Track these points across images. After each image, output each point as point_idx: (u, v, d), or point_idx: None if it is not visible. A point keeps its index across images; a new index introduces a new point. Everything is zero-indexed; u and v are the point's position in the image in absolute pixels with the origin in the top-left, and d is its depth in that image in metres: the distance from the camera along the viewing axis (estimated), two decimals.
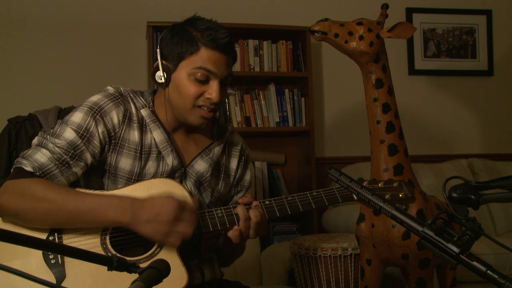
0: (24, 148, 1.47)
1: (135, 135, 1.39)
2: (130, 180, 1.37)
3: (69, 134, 1.32)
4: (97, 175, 1.39)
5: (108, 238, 1.30)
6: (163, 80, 1.39)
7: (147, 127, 1.41)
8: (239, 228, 1.33)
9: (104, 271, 0.85)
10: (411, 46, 3.82)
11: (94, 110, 1.35)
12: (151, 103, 1.45)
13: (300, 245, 2.45)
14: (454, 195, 0.95)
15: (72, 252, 0.84)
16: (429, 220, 0.87)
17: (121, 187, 1.35)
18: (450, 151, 3.82)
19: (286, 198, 1.39)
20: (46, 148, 1.30)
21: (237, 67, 3.26)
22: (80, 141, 1.32)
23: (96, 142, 1.34)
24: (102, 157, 1.37)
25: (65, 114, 1.55)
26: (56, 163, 1.29)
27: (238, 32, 3.23)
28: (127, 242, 1.31)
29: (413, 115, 3.70)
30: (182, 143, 1.47)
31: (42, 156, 1.29)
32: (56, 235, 1.29)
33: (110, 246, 1.29)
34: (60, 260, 1.26)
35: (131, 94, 1.43)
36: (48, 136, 1.33)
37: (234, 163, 1.57)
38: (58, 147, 1.30)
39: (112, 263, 0.82)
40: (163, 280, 0.83)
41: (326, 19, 1.96)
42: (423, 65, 3.84)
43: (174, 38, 1.39)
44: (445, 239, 0.78)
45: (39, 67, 3.25)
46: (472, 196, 0.95)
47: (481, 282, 2.63)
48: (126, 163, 1.37)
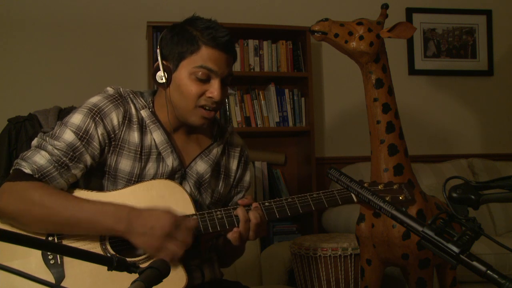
0: (24, 148, 1.47)
1: (135, 136, 1.38)
2: (130, 181, 1.37)
3: (68, 136, 1.31)
4: (96, 176, 1.39)
5: (107, 239, 1.30)
6: (164, 80, 1.38)
7: (147, 128, 1.40)
8: (239, 230, 1.32)
9: (103, 271, 0.85)
10: (411, 46, 3.81)
11: (94, 112, 1.34)
12: (151, 104, 1.44)
13: (300, 245, 2.45)
14: (454, 195, 0.95)
15: (72, 252, 0.84)
16: (429, 220, 0.87)
17: (120, 188, 1.35)
18: (450, 151, 3.82)
19: (286, 200, 1.39)
20: (45, 150, 1.30)
21: (237, 67, 3.26)
22: (79, 143, 1.31)
23: (95, 144, 1.33)
24: (101, 158, 1.36)
25: (65, 114, 1.54)
26: (55, 165, 1.29)
27: (238, 32, 3.22)
28: (127, 243, 1.30)
29: (413, 115, 3.70)
30: (182, 143, 1.46)
31: (41, 158, 1.29)
32: (55, 235, 1.29)
33: (109, 247, 1.29)
34: (59, 260, 1.26)
35: (130, 95, 1.42)
36: (48, 138, 1.32)
37: (234, 164, 1.57)
38: (57, 149, 1.30)
39: (112, 263, 0.82)
40: (163, 280, 0.83)
41: (326, 19, 1.96)
42: (423, 65, 3.84)
43: (174, 38, 1.38)
44: (445, 239, 0.78)
45: (39, 67, 3.25)
46: (472, 196, 0.95)
47: (481, 282, 2.62)
48: (126, 164, 1.37)
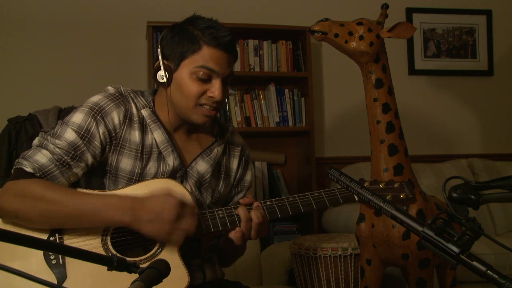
0: (24, 148, 1.47)
1: (135, 135, 1.38)
2: (131, 181, 1.37)
3: (69, 135, 1.31)
4: (98, 175, 1.39)
5: (109, 239, 1.30)
6: (165, 80, 1.38)
7: (148, 127, 1.41)
8: (241, 229, 1.33)
9: (104, 271, 0.85)
10: (411, 46, 3.81)
11: (95, 111, 1.34)
12: (152, 103, 1.44)
13: (300, 245, 2.45)
14: (454, 195, 0.95)
15: (72, 252, 0.84)
16: (429, 220, 0.87)
17: (121, 188, 1.35)
18: (450, 151, 3.82)
19: (287, 199, 1.39)
20: (47, 149, 1.30)
21: (237, 67, 3.26)
22: (80, 142, 1.31)
23: (96, 143, 1.33)
24: (102, 157, 1.37)
25: (65, 114, 1.54)
26: (57, 164, 1.29)
27: (238, 32, 3.22)
28: (129, 242, 1.31)
29: (413, 115, 3.70)
30: (183, 143, 1.47)
31: (42, 157, 1.29)
32: (57, 235, 1.29)
33: (111, 247, 1.29)
34: (61, 260, 1.26)
35: (131, 94, 1.43)
36: (49, 137, 1.32)
37: (234, 164, 1.57)
38: (58, 148, 1.30)
39: (112, 263, 0.82)
40: (164, 280, 0.83)
41: (326, 19, 1.96)
42: (423, 65, 3.84)
43: (175, 38, 1.38)
44: (445, 239, 0.78)
45: (39, 67, 3.25)
46: (472, 196, 0.95)
47: (481, 282, 2.63)
48: (127, 163, 1.37)
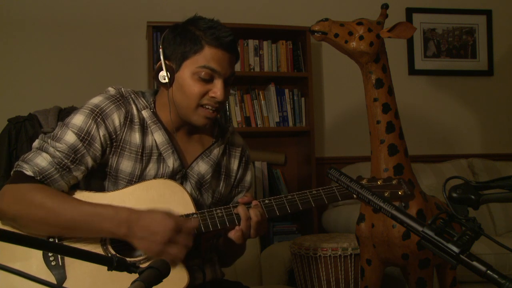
0: (24, 148, 1.47)
1: (136, 137, 1.38)
2: (131, 182, 1.37)
3: (70, 138, 1.31)
4: (97, 177, 1.38)
5: (108, 240, 1.30)
6: (166, 80, 1.38)
7: (148, 129, 1.40)
8: (241, 228, 1.33)
9: (104, 271, 0.85)
10: (411, 46, 3.81)
11: (95, 113, 1.34)
12: (152, 104, 1.44)
13: (300, 245, 2.45)
14: (454, 195, 0.95)
15: (72, 252, 0.84)
16: (429, 220, 0.87)
17: (121, 189, 1.35)
18: (450, 151, 3.82)
19: (286, 197, 1.39)
20: (47, 152, 1.30)
21: (237, 67, 3.23)
22: (81, 144, 1.31)
23: (97, 145, 1.33)
24: (103, 160, 1.36)
25: (65, 114, 1.54)
26: (57, 167, 1.29)
27: (238, 32, 3.21)
28: (128, 243, 1.30)
29: (413, 115, 3.70)
30: (184, 144, 1.46)
31: (42, 161, 1.28)
32: (56, 238, 1.29)
33: (110, 247, 1.29)
34: (60, 261, 1.26)
35: (132, 95, 1.42)
36: (49, 140, 1.32)
37: (234, 164, 1.56)
38: (59, 151, 1.29)
39: (112, 263, 0.82)
40: (164, 280, 0.83)
41: (326, 19, 1.96)
42: (423, 65, 3.84)
43: (177, 38, 1.38)
44: (445, 239, 0.78)
45: (39, 67, 3.25)
46: (472, 196, 0.95)
47: (481, 282, 2.62)
48: (127, 165, 1.37)
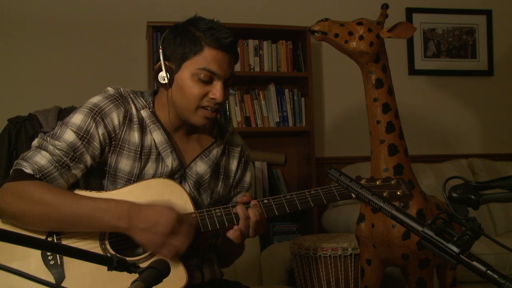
0: (24, 148, 1.47)
1: (135, 136, 1.38)
2: (130, 181, 1.37)
3: (69, 136, 1.31)
4: (96, 176, 1.39)
5: (107, 239, 1.30)
6: (166, 81, 1.38)
7: (147, 128, 1.40)
8: (239, 227, 1.33)
9: (103, 271, 0.85)
10: (411, 46, 3.81)
11: (95, 112, 1.34)
12: (152, 104, 1.44)
13: (300, 245, 2.45)
14: (454, 195, 0.95)
15: (72, 252, 0.84)
16: (429, 220, 0.87)
17: (119, 188, 1.35)
18: (450, 151, 3.82)
19: (285, 197, 1.39)
20: (46, 150, 1.30)
21: (237, 67, 3.23)
22: (80, 143, 1.31)
23: (96, 144, 1.33)
24: (101, 158, 1.37)
25: (65, 114, 1.54)
26: (56, 165, 1.29)
27: (238, 32, 3.22)
28: (126, 242, 1.30)
29: (413, 115, 3.70)
30: (182, 144, 1.46)
31: (42, 159, 1.29)
32: (54, 236, 1.29)
33: (109, 247, 1.29)
34: (59, 261, 1.26)
35: (131, 95, 1.42)
36: (48, 138, 1.32)
37: (234, 164, 1.56)
38: (58, 149, 1.30)
39: (112, 263, 0.82)
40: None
41: (326, 19, 1.96)
42: (423, 65, 3.84)
43: (177, 39, 1.38)
44: (445, 239, 0.78)
45: (39, 67, 3.25)
46: (472, 196, 0.95)
47: (481, 282, 2.63)
48: (126, 164, 1.37)
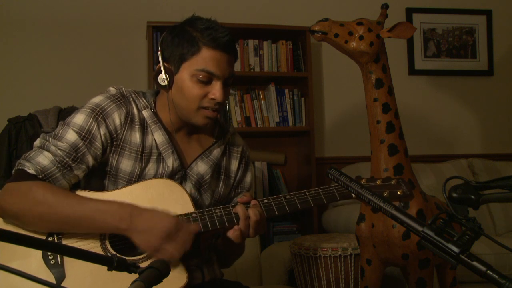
0: (24, 148, 1.47)
1: (136, 136, 1.38)
2: (131, 182, 1.37)
3: (71, 136, 1.32)
4: (97, 176, 1.39)
5: (107, 239, 1.30)
6: (166, 83, 1.38)
7: (149, 129, 1.41)
8: (239, 227, 1.33)
9: (104, 271, 0.85)
10: (411, 46, 3.81)
11: (96, 112, 1.34)
12: (153, 104, 1.45)
13: (300, 245, 2.45)
14: (454, 195, 0.95)
15: (72, 252, 0.84)
16: (429, 220, 0.87)
17: (120, 188, 1.35)
18: (450, 151, 3.82)
19: (285, 197, 1.39)
20: (49, 151, 1.30)
21: (237, 67, 3.24)
22: (82, 143, 1.32)
23: (98, 144, 1.34)
24: (103, 158, 1.37)
25: (65, 114, 1.55)
26: (58, 166, 1.29)
27: (238, 32, 3.22)
28: (127, 242, 1.30)
29: (413, 115, 3.70)
30: (184, 144, 1.47)
31: (44, 159, 1.29)
32: (55, 235, 1.29)
33: (109, 246, 1.29)
34: (59, 260, 1.26)
35: (133, 95, 1.43)
36: (50, 139, 1.32)
37: (234, 165, 1.56)
38: (60, 149, 1.30)
39: (112, 263, 0.82)
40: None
41: (326, 19, 1.96)
42: (423, 65, 3.84)
43: (175, 40, 1.38)
44: (445, 239, 0.78)
45: (39, 67, 3.25)
46: (472, 196, 0.95)
47: (481, 282, 2.62)
48: (127, 164, 1.37)
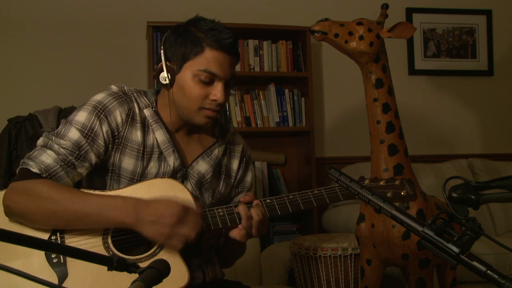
0: (24, 148, 1.48)
1: (137, 135, 1.39)
2: (133, 180, 1.37)
3: (73, 134, 1.32)
4: (100, 175, 1.39)
5: (110, 238, 1.30)
6: (167, 82, 1.39)
7: (150, 127, 1.41)
8: (243, 227, 1.33)
9: (105, 270, 0.85)
10: (411, 46, 3.81)
11: (98, 109, 1.35)
12: (154, 103, 1.45)
13: (300, 245, 2.45)
14: (454, 195, 0.95)
15: (73, 252, 0.85)
16: (429, 220, 0.87)
17: (122, 187, 1.36)
18: (450, 151, 3.82)
19: (287, 197, 1.40)
20: (52, 149, 1.31)
21: (237, 67, 3.19)
22: (84, 141, 1.32)
23: (100, 142, 1.34)
24: (106, 156, 1.37)
25: (65, 114, 1.55)
26: (62, 164, 1.30)
27: (238, 32, 3.21)
28: (129, 241, 1.31)
29: (413, 115, 3.70)
30: (184, 143, 1.47)
31: (47, 158, 1.29)
32: (58, 234, 1.29)
33: (112, 246, 1.30)
34: (62, 259, 1.26)
35: (134, 94, 1.43)
36: (53, 137, 1.33)
37: (235, 164, 1.57)
38: (63, 148, 1.31)
39: (112, 263, 0.82)
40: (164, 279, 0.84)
41: (326, 19, 1.96)
42: (423, 65, 3.84)
43: (178, 39, 1.38)
44: (445, 239, 0.78)
45: (39, 67, 3.25)
46: (472, 196, 0.95)
47: (481, 282, 2.63)
48: (128, 163, 1.38)
